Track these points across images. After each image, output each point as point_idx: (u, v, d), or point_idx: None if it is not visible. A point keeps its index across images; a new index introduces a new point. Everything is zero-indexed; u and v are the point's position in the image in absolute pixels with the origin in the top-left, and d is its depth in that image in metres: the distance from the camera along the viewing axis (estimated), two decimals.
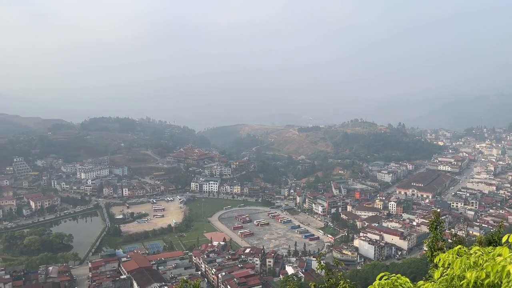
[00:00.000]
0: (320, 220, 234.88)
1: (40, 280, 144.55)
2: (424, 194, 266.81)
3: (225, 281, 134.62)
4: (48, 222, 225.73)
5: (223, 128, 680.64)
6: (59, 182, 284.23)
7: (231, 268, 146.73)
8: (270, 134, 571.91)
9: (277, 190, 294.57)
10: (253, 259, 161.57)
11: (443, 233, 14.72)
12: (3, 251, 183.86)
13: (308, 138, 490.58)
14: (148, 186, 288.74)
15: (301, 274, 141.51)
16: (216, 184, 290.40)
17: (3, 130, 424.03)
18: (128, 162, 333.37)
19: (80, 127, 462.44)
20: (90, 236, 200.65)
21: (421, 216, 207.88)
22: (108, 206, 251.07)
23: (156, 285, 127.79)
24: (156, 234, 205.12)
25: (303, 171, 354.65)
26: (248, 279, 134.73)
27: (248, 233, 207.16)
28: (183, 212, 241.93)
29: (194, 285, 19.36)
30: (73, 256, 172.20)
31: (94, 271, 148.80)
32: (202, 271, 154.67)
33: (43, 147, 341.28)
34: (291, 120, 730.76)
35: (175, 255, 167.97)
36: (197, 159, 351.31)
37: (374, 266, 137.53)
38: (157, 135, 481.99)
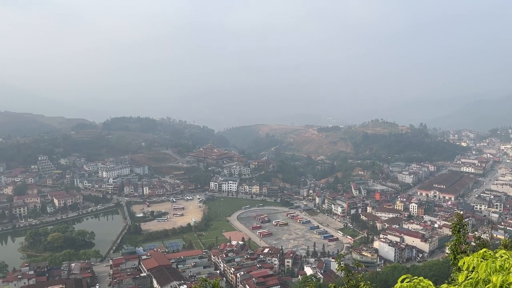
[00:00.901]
0: (339, 221, 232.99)
1: (63, 276, 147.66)
2: (446, 196, 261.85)
3: (244, 280, 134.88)
4: (71, 219, 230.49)
5: (242, 128, 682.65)
6: (82, 180, 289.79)
7: (250, 267, 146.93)
8: (289, 134, 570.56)
9: (296, 191, 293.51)
10: (271, 259, 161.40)
11: (466, 236, 14.43)
12: (28, 248, 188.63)
13: (328, 138, 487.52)
14: (168, 185, 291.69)
15: (320, 275, 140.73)
16: (235, 184, 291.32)
17: (28, 129, 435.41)
18: (149, 161, 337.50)
19: (102, 126, 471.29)
20: (111, 234, 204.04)
21: (443, 218, 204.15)
22: (129, 204, 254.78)
23: (176, 283, 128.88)
24: (175, 233, 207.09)
25: (322, 171, 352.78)
26: (266, 279, 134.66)
27: (267, 233, 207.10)
28: (202, 211, 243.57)
29: (213, 284, 19.41)
30: (94, 253, 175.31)
31: (115, 268, 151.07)
32: (221, 270, 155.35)
33: (66, 146, 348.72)
34: (310, 120, 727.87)
35: (194, 254, 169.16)
36: (216, 159, 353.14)
37: (394, 269, 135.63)
38: (177, 135, 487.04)
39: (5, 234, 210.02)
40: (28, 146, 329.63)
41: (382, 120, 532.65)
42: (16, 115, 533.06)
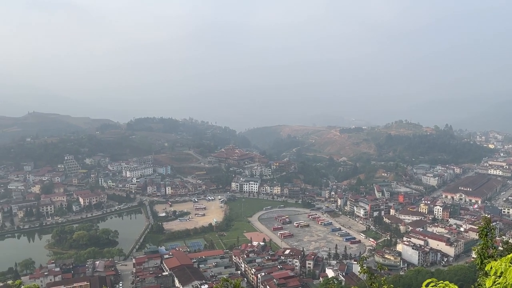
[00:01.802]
0: (362, 223, 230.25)
1: (87, 273, 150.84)
2: (473, 199, 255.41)
3: (265, 281, 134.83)
4: (95, 218, 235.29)
5: (264, 128, 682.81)
6: (106, 180, 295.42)
7: (271, 268, 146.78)
8: (311, 135, 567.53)
9: (318, 192, 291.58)
10: (292, 260, 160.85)
11: (494, 240, 14.02)
12: (54, 245, 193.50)
13: (350, 139, 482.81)
14: (190, 185, 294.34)
15: (341, 278, 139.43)
16: (256, 185, 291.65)
17: (55, 129, 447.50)
18: (171, 161, 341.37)
19: (126, 127, 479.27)
20: (134, 233, 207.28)
21: (469, 222, 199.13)
22: (152, 204, 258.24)
23: (197, 283, 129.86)
24: (197, 233, 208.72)
25: (345, 173, 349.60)
26: (287, 281, 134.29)
27: (288, 234, 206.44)
28: (223, 211, 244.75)
29: (235, 284, 19.44)
30: (118, 251, 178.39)
31: (138, 267, 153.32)
32: (242, 270, 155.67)
33: (91, 146, 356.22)
34: (332, 121, 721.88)
35: (216, 253, 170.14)
36: (237, 159, 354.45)
37: (418, 272, 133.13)
38: (199, 135, 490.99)
39: (32, 231, 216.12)
40: (55, 146, 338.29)
41: (406, 121, 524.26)
42: (43, 116, 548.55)
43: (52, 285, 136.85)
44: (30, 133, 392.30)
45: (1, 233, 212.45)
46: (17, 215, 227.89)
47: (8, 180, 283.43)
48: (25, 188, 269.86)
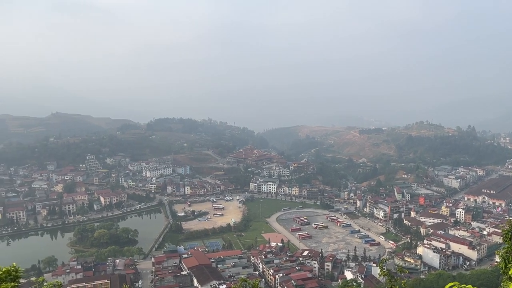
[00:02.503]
0: (381, 225, 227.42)
1: (108, 271, 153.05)
2: (496, 201, 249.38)
3: (283, 282, 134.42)
4: (115, 217, 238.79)
5: (282, 129, 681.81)
6: (126, 179, 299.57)
7: (289, 270, 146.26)
8: (330, 136, 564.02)
9: (337, 193, 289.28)
10: (311, 262, 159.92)
11: None
12: (76, 243, 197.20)
13: (370, 140, 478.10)
14: (208, 185, 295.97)
15: (360, 280, 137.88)
16: (274, 185, 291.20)
17: (77, 129, 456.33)
18: (190, 161, 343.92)
19: (146, 127, 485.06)
20: (153, 232, 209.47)
21: (492, 225, 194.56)
22: (171, 203, 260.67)
23: (215, 282, 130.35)
24: (215, 233, 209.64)
25: (364, 174, 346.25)
26: (305, 282, 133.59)
27: (306, 235, 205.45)
28: (241, 211, 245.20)
29: (253, 284, 19.45)
30: (138, 250, 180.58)
31: (157, 265, 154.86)
32: (260, 271, 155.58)
33: (112, 146, 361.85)
34: (352, 122, 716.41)
35: (234, 254, 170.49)
36: (256, 160, 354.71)
37: (439, 276, 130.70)
38: (218, 136, 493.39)
39: (55, 229, 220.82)
40: (77, 146, 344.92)
41: (427, 122, 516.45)
42: (66, 116, 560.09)
43: (74, 283, 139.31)
44: (54, 133, 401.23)
45: (25, 230, 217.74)
46: (40, 213, 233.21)
47: (32, 179, 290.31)
48: (48, 187, 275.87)
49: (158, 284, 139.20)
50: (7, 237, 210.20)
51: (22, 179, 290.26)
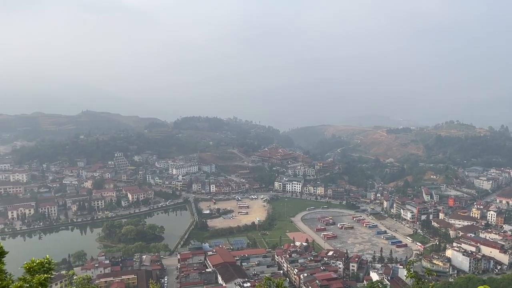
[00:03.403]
0: (409, 227, 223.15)
1: (135, 267, 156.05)
2: None
3: (307, 282, 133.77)
4: (142, 213, 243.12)
5: (308, 128, 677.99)
6: (153, 176, 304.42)
7: (313, 269, 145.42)
8: (356, 135, 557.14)
9: (363, 194, 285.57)
10: (336, 262, 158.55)
11: None
12: (104, 238, 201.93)
13: (398, 140, 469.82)
14: (233, 183, 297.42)
15: (386, 282, 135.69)
16: (299, 185, 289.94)
17: (106, 127, 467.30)
18: (216, 159, 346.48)
19: (173, 125, 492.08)
20: (179, 229, 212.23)
21: None
22: (196, 201, 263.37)
23: (240, 280, 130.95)
24: (240, 231, 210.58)
25: (391, 174, 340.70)
26: (330, 282, 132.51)
27: (331, 235, 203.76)
28: (266, 210, 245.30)
29: (277, 283, 19.42)
30: (164, 247, 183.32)
31: (183, 262, 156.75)
32: (284, 270, 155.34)
33: (140, 143, 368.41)
34: (379, 121, 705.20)
35: (258, 252, 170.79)
36: (281, 159, 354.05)
37: (469, 280, 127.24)
38: (243, 134, 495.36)
39: (85, 224, 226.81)
40: (106, 143, 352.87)
41: (457, 122, 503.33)
42: (95, 114, 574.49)
43: (102, 277, 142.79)
44: (83, 131, 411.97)
45: (56, 225, 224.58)
46: (70, 209, 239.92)
47: (63, 175, 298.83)
48: (79, 183, 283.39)
49: (183, 281, 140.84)
50: (39, 231, 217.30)
51: (54, 175, 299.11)
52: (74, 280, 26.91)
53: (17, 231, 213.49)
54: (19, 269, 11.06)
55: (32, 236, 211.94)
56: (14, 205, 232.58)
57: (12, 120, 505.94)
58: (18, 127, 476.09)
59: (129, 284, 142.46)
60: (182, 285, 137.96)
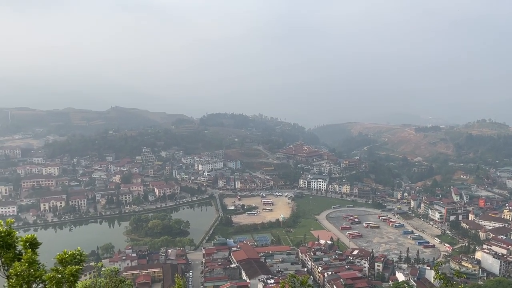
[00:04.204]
0: (437, 227, 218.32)
1: (160, 260, 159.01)
2: None
3: (331, 280, 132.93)
4: (168, 208, 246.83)
5: (333, 125, 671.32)
6: (179, 172, 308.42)
7: (338, 268, 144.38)
8: (384, 133, 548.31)
9: (389, 193, 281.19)
10: (361, 261, 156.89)
11: None
12: (131, 232, 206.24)
13: (426, 138, 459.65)
14: (258, 180, 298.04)
15: (412, 283, 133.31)
16: (324, 183, 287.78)
17: (134, 123, 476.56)
18: (241, 156, 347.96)
19: (199, 122, 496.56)
20: (204, 224, 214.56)
21: None
22: (222, 197, 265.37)
23: (263, 277, 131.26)
24: (264, 227, 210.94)
25: (419, 173, 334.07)
26: (355, 281, 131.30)
27: (357, 234, 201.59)
28: (291, 208, 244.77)
29: (302, 281, 19.35)
30: (189, 241, 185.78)
31: (207, 257, 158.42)
32: (308, 268, 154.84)
33: (167, 139, 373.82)
34: (407, 119, 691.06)
35: (282, 249, 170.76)
36: (306, 156, 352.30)
37: (499, 283, 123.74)
38: (268, 131, 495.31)
39: (113, 218, 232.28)
40: (134, 139, 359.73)
41: (489, 121, 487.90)
42: (124, 110, 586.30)
43: (129, 269, 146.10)
44: (112, 126, 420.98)
45: (85, 218, 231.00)
46: (99, 202, 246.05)
47: (93, 169, 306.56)
48: (107, 177, 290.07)
49: (208, 276, 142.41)
50: (70, 223, 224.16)
51: (84, 169, 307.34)
52: (102, 272, 27.57)
53: (48, 222, 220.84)
54: (52, 260, 11.44)
55: (63, 228, 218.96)
56: (46, 197, 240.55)
57: (45, 116, 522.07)
58: (51, 122, 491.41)
59: (155, 277, 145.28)
60: (207, 279, 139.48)
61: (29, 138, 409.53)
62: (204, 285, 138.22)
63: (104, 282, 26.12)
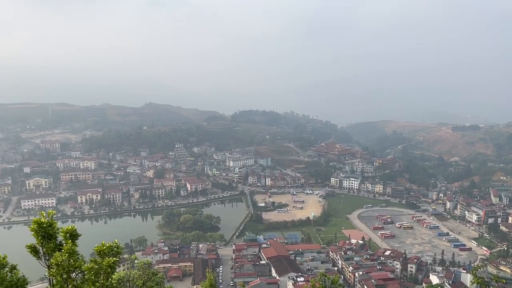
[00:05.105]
0: (474, 230, 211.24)
1: (191, 255, 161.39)
2: None
3: (362, 281, 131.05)
4: (200, 203, 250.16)
5: (367, 124, 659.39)
6: (211, 168, 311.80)
7: (369, 268, 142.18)
8: (419, 132, 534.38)
9: (424, 193, 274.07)
10: (393, 262, 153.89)
11: None
12: (163, 226, 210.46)
13: (464, 138, 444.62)
14: (289, 177, 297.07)
15: (447, 286, 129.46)
16: (356, 181, 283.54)
17: (168, 119, 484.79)
18: (272, 153, 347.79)
19: (231, 118, 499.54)
20: (234, 220, 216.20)
21: None
22: (252, 193, 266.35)
23: (293, 274, 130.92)
24: (294, 225, 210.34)
25: (456, 174, 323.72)
26: (386, 282, 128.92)
27: (389, 235, 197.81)
28: (321, 206, 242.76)
29: (333, 280, 19.14)
30: (219, 237, 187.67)
31: (237, 253, 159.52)
32: (339, 267, 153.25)
33: (199, 135, 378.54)
34: (444, 118, 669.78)
35: (313, 248, 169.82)
36: (338, 155, 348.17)
37: None
38: (300, 129, 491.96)
39: (146, 212, 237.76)
40: (167, 135, 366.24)
41: None
42: (158, 106, 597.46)
43: (161, 262, 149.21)
44: (146, 122, 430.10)
45: (120, 211, 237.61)
46: (133, 196, 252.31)
47: (127, 164, 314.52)
48: (141, 172, 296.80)
49: (238, 271, 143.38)
50: (105, 215, 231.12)
51: (119, 163, 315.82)
52: (135, 264, 28.25)
53: (85, 215, 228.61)
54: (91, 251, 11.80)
55: (98, 220, 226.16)
56: (83, 190, 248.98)
57: (83, 111, 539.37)
58: (88, 117, 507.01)
59: (186, 271, 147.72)
60: (237, 275, 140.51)
61: (68, 133, 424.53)
62: (234, 281, 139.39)
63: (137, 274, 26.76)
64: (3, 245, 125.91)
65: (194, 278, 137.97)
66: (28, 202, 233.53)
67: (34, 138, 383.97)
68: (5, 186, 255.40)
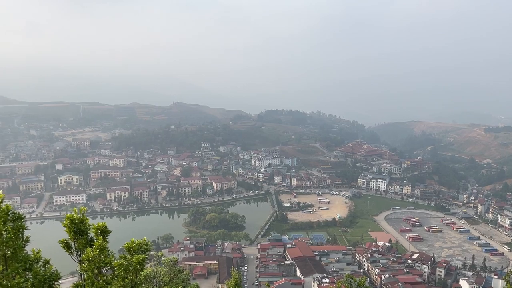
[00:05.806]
0: (507, 234, 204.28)
1: (216, 253, 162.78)
2: None
3: (389, 283, 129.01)
4: (225, 202, 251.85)
5: (395, 124, 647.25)
6: (237, 167, 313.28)
7: (396, 271, 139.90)
8: (449, 133, 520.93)
9: (454, 195, 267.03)
10: (421, 266, 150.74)
11: None
12: (190, 224, 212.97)
13: (497, 139, 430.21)
14: (314, 178, 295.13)
15: None
16: (384, 183, 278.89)
17: (194, 118, 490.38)
18: (297, 153, 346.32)
19: (257, 118, 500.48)
20: (259, 220, 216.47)
21: None
22: (277, 193, 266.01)
23: (318, 275, 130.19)
24: (320, 226, 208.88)
25: (488, 176, 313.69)
26: (414, 286, 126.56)
27: (417, 237, 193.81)
28: (348, 207, 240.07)
29: (359, 282, 18.92)
30: (244, 236, 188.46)
31: (262, 253, 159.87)
32: (365, 269, 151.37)
33: (225, 135, 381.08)
34: (476, 119, 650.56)
35: (338, 249, 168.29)
36: (365, 155, 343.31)
37: None
38: (326, 129, 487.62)
39: (172, 209, 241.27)
40: (194, 134, 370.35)
41: None
42: (185, 106, 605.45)
43: (186, 260, 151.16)
44: (174, 121, 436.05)
45: (147, 208, 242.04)
46: (160, 194, 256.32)
47: (155, 162, 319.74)
48: (168, 170, 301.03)
49: (263, 271, 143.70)
50: (133, 213, 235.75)
51: (147, 162, 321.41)
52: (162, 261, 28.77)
53: (114, 211, 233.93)
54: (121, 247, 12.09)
55: (126, 217, 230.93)
56: (112, 187, 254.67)
57: (112, 110, 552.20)
58: (117, 116, 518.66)
59: (211, 269, 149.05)
60: (261, 275, 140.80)
61: (98, 131, 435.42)
62: (258, 280, 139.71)
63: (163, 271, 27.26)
64: (36, 240, 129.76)
65: (219, 276, 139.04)
66: (59, 198, 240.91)
67: (66, 136, 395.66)
68: (38, 183, 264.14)
